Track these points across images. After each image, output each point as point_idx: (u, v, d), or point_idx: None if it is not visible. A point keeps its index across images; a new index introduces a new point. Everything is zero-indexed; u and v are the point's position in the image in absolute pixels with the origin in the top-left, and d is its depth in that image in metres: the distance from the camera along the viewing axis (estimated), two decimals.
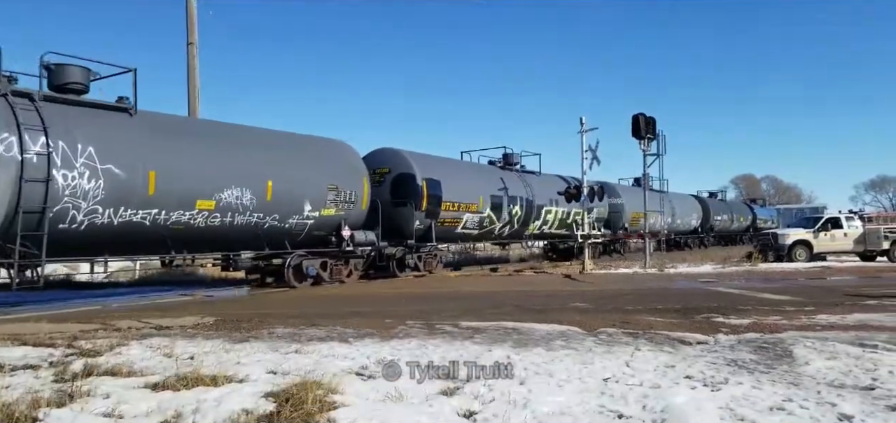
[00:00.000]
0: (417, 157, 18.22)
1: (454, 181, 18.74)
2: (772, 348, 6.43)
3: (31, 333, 7.50)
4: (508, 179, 21.53)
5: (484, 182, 20.33)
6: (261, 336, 7.27)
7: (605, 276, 17.76)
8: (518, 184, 21.92)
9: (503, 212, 20.63)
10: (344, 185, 15.10)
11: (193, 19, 20.39)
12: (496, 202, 20.27)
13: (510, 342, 6.75)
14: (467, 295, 12.76)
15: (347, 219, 15.22)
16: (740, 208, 48.07)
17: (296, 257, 14.48)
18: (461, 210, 18.93)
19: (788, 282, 14.82)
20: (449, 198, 18.28)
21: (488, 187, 20.24)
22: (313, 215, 14.38)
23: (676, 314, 9.05)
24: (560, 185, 23.42)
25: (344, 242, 14.98)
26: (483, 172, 21.23)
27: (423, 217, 17.45)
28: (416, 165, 17.66)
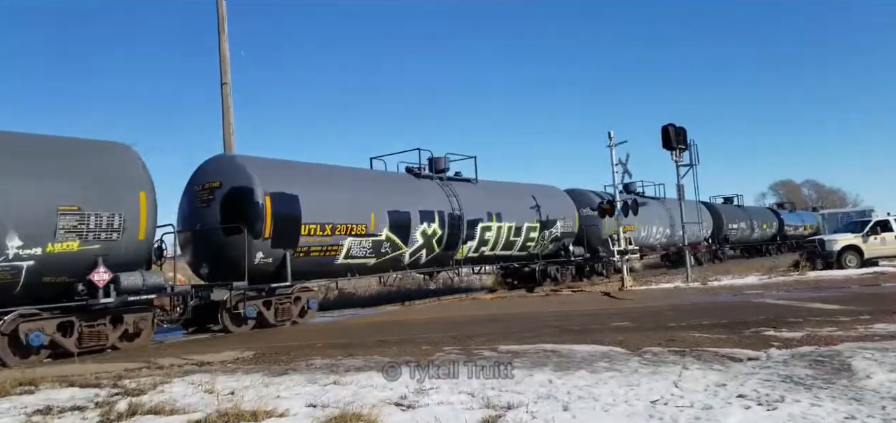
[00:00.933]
0: (260, 164, 13.50)
1: (324, 195, 14.04)
2: (828, 361, 6.14)
3: (78, 373, 7.63)
4: (422, 191, 17.02)
5: (378, 195, 15.65)
6: (299, 368, 7.26)
7: (645, 292, 17.35)
8: (437, 195, 17.29)
9: (414, 233, 16.05)
10: (95, 205, 9.96)
11: (226, 61, 20.91)
12: (399, 221, 15.65)
13: (551, 366, 6.59)
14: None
15: (109, 256, 10.04)
16: (762, 215, 41.83)
17: None
18: (338, 234, 14.03)
19: (840, 290, 14.24)
20: (315, 219, 13.48)
21: (386, 201, 15.60)
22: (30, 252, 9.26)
23: (724, 330, 8.74)
24: (519, 197, 20.33)
25: (99, 291, 9.87)
26: (377, 183, 16.54)
27: (269, 247, 12.68)
28: (255, 175, 12.86)
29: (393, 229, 15.49)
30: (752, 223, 38.06)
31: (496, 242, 19.06)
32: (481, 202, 18.59)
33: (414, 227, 16.08)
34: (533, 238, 20.39)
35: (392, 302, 18.96)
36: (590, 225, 23.14)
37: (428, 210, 16.60)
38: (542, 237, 20.70)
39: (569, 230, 22.04)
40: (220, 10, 21.20)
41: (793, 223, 44.85)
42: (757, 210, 42.25)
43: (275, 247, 12.89)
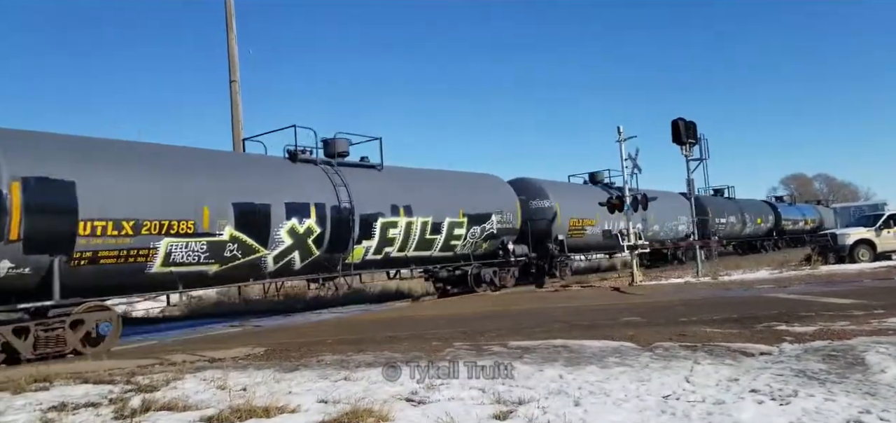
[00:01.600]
0: (11, 138, 9.80)
1: (122, 182, 10.57)
2: (842, 356, 6.09)
3: (92, 370, 7.70)
4: (292, 178, 13.55)
5: (216, 182, 11.96)
6: (310, 364, 7.29)
7: (654, 287, 17.28)
8: (317, 184, 13.82)
9: (276, 231, 12.57)
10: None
11: (234, 58, 21.02)
12: (255, 215, 12.21)
13: (562, 361, 6.57)
14: (493, 314, 12.56)
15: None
16: (756, 207, 37.71)
17: None
18: (147, 233, 10.60)
19: (853, 284, 14.12)
20: (104, 213, 10.12)
21: (230, 190, 12.02)
22: None
23: (735, 324, 8.69)
24: (441, 188, 17.27)
25: None
26: (217, 167, 12.60)
27: (20, 252, 9.33)
28: None
29: (242, 226, 11.97)
30: (744, 217, 34.68)
31: (406, 241, 15.52)
32: (385, 194, 15.18)
33: (276, 224, 12.61)
34: (458, 236, 16.95)
35: (401, 299, 19.03)
36: (537, 219, 20.42)
37: (300, 202, 13.16)
38: (473, 235, 17.46)
39: (508, 226, 18.76)
40: (228, 8, 21.32)
41: (791, 217, 41.42)
42: (750, 203, 37.74)
43: (31, 252, 9.38)
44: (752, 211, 36.25)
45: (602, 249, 25.50)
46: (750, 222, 35.39)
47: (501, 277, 18.85)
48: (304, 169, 14.17)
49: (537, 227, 20.28)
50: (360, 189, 14.63)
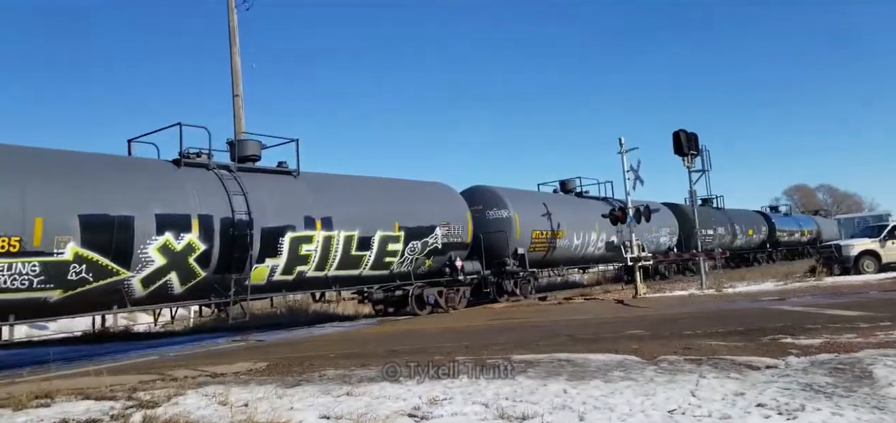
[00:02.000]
0: None
1: None
2: (849, 369, 6.03)
3: (93, 386, 7.66)
4: (172, 184, 11.53)
5: (57, 190, 9.95)
6: (312, 379, 7.24)
7: (659, 299, 17.21)
8: (212, 193, 11.87)
9: (143, 249, 10.65)
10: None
11: (238, 72, 21.10)
12: (111, 230, 10.27)
13: (566, 376, 6.52)
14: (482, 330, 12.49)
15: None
16: (748, 219, 35.95)
17: None
18: None
19: (859, 296, 14.04)
20: None
21: (77, 202, 10.06)
22: None
23: (741, 337, 8.63)
24: (372, 198, 15.38)
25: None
26: (56, 170, 10.27)
27: None
28: None
29: (92, 243, 10.06)
30: (735, 228, 33.13)
31: (325, 259, 13.64)
32: (298, 203, 13.36)
33: (142, 240, 10.65)
34: (394, 252, 15.12)
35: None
36: (492, 232, 18.30)
37: (178, 214, 11.18)
38: (412, 251, 15.58)
39: (457, 240, 16.81)
40: (232, 23, 21.43)
41: (787, 228, 39.82)
42: (741, 213, 36.04)
43: None
44: (743, 222, 34.74)
45: (575, 263, 23.54)
46: (741, 233, 34.04)
47: (448, 297, 16.93)
48: (191, 174, 11.96)
49: (492, 240, 18.28)
50: (264, 199, 12.59)
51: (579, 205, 23.10)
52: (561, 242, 20.95)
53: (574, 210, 22.37)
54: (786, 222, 41.10)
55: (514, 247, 18.92)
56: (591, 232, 22.42)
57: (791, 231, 40.58)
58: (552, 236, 20.57)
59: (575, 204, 23.08)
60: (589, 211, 22.76)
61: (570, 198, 23.71)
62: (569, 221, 21.40)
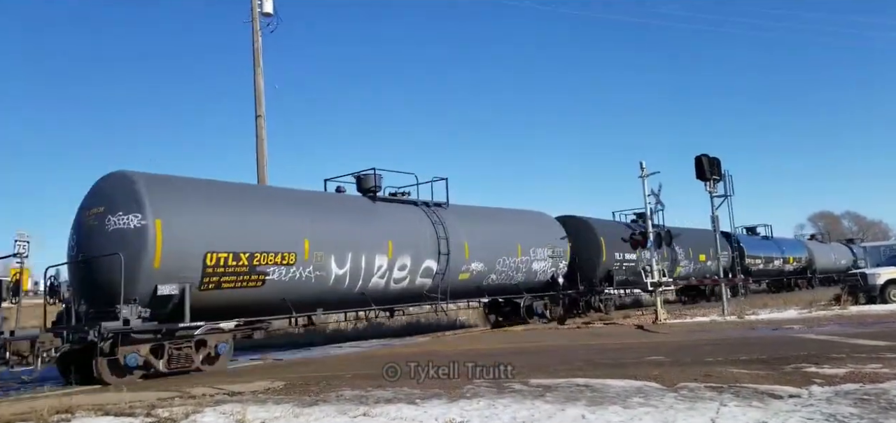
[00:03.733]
0: None
1: None
2: (874, 399, 5.89)
3: (113, 402, 7.75)
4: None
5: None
6: (329, 399, 7.25)
7: (679, 325, 16.96)
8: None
9: None
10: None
11: (260, 93, 21.43)
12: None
13: (584, 401, 6.46)
14: (531, 350, 12.41)
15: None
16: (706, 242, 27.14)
17: None
18: None
19: (885, 325, 13.71)
20: None
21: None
22: None
23: (763, 365, 8.47)
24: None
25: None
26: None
27: None
28: None
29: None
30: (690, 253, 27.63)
31: None
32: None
33: None
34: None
35: (421, 333, 18.91)
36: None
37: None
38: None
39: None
40: (256, 45, 21.82)
41: (759, 255, 33.94)
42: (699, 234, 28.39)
43: None
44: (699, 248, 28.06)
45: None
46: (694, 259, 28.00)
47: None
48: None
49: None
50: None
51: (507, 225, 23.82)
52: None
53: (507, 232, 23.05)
54: (757, 246, 34.30)
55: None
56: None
57: (769, 257, 34.74)
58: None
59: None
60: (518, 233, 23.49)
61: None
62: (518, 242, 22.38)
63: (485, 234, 17.89)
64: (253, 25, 21.72)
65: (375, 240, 14.55)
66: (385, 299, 15.21)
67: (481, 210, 19.23)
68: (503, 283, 18.61)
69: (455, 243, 16.54)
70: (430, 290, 16.09)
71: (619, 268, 22.71)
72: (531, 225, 20.28)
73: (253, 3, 21.73)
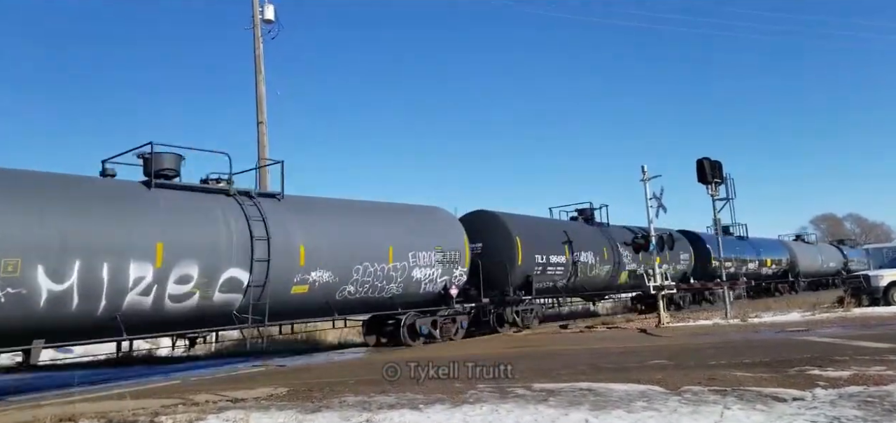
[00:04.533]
0: None
1: None
2: (879, 402, 5.88)
3: (116, 410, 7.75)
4: None
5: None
6: (332, 406, 7.24)
7: (683, 329, 16.94)
8: None
9: None
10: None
11: (262, 100, 21.50)
12: None
13: (587, 405, 6.45)
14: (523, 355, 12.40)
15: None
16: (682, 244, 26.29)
17: None
18: None
19: (888, 328, 13.68)
20: None
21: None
22: None
23: (766, 368, 8.46)
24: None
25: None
26: None
27: None
28: None
29: None
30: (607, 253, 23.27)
31: None
32: None
33: None
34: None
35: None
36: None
37: None
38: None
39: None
40: (257, 51, 21.90)
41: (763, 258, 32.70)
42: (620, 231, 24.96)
43: None
44: None
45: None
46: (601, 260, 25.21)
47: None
48: None
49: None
50: None
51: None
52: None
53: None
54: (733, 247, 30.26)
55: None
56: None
57: (743, 261, 31.43)
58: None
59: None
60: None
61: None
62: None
63: (335, 234, 13.77)
64: (254, 32, 21.81)
65: (133, 241, 10.48)
66: (158, 324, 11.08)
67: (333, 203, 14.85)
68: (367, 297, 14.29)
69: (282, 245, 12.43)
70: (240, 309, 11.87)
71: (542, 273, 19.01)
72: (412, 222, 15.86)
73: (254, 11, 21.82)
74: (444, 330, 16.12)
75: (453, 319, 16.42)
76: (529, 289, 18.55)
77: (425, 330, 15.63)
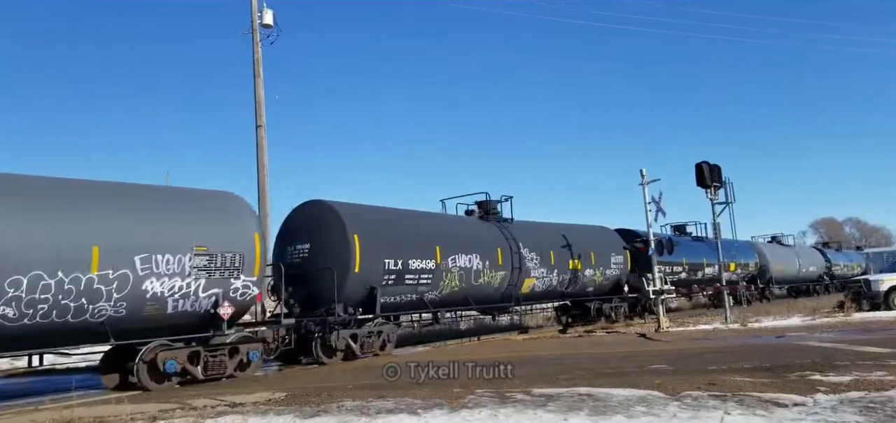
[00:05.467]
0: None
1: None
2: (880, 407, 5.85)
3: (114, 415, 7.71)
4: None
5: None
6: (330, 410, 7.21)
7: (682, 333, 16.90)
8: None
9: None
10: None
11: (261, 103, 21.47)
12: None
13: (587, 410, 6.41)
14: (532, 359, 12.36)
15: None
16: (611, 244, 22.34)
17: None
18: None
19: (889, 332, 13.65)
20: None
21: None
22: None
23: (767, 373, 8.42)
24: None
25: None
26: None
27: None
28: None
29: None
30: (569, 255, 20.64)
31: None
32: None
33: None
34: None
35: (422, 343, 18.82)
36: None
37: None
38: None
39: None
40: (256, 55, 21.89)
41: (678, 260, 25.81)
42: None
43: None
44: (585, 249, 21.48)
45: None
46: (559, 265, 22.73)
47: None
48: None
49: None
50: None
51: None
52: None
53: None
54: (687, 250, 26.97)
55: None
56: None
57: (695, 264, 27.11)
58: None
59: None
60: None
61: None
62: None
63: None
64: (253, 37, 21.80)
65: None
66: None
67: None
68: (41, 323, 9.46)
69: None
70: None
71: (395, 282, 14.42)
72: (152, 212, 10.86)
73: (253, 15, 21.82)
74: (214, 366, 11.41)
75: (233, 351, 11.72)
76: (372, 305, 13.96)
77: (173, 368, 10.86)
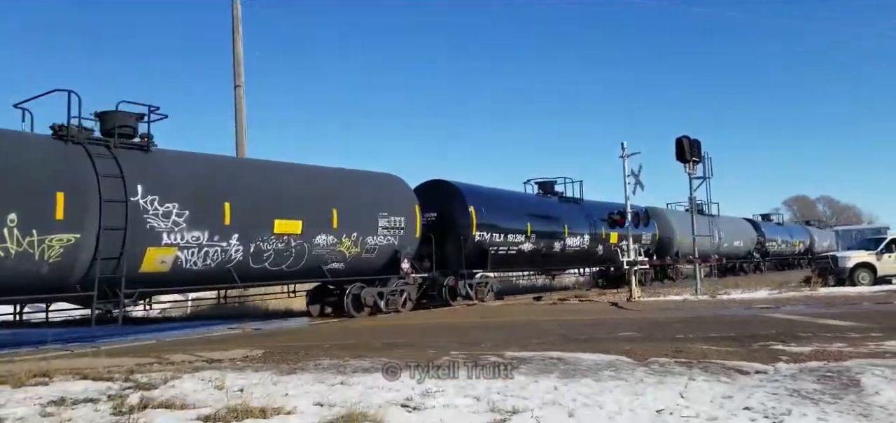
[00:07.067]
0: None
1: None
2: (837, 377, 6.12)
3: (91, 367, 7.74)
4: None
5: None
6: (307, 368, 7.33)
7: (653, 303, 17.31)
8: None
9: None
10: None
11: (240, 63, 21.16)
12: None
13: (557, 373, 6.61)
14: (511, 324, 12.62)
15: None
16: None
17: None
18: None
19: (852, 307, 14.13)
20: None
21: None
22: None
23: (732, 342, 8.72)
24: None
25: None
26: None
27: None
28: None
29: None
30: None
31: None
32: None
33: None
34: None
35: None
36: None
37: None
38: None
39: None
40: (235, 12, 21.49)
41: None
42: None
43: None
44: None
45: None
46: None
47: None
48: None
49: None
50: None
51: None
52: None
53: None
54: None
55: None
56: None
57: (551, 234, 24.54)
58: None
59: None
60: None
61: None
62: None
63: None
64: None
65: None
66: None
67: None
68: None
69: None
70: None
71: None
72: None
73: None
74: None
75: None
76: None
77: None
